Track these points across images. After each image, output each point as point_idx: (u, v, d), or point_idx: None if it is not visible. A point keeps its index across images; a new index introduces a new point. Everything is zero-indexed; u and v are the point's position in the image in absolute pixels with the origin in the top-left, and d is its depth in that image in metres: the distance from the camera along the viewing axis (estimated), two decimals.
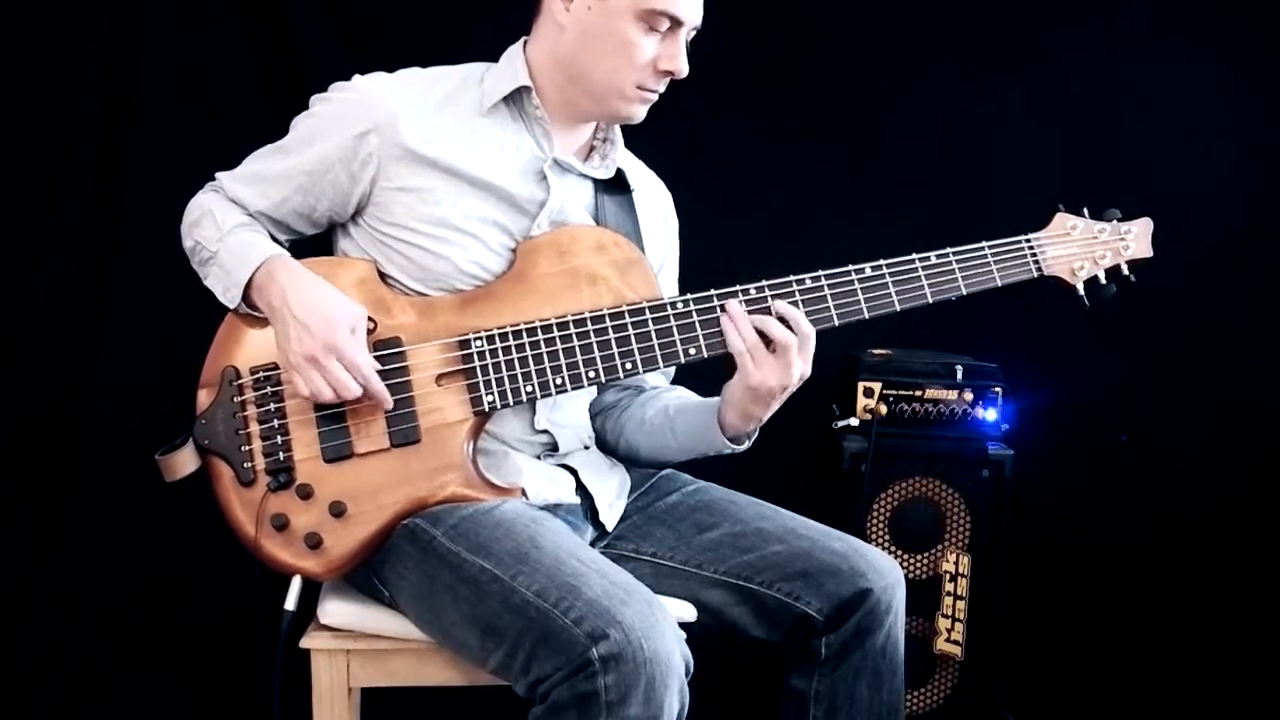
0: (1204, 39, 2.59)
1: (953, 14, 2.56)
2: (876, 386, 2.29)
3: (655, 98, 1.67)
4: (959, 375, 2.30)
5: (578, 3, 1.61)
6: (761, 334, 1.59)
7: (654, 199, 1.86)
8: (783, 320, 1.59)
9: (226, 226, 1.64)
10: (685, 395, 1.83)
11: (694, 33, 1.65)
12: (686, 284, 1.70)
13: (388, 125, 1.61)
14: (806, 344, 1.60)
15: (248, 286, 1.60)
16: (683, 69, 1.64)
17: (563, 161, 1.70)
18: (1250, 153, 2.60)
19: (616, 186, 1.77)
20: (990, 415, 2.31)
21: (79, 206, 2.30)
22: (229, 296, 1.62)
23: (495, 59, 1.73)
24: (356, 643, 1.62)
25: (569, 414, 1.75)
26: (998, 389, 2.31)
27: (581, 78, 1.64)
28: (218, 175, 1.72)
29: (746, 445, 1.74)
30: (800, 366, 1.59)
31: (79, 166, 2.29)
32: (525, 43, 1.70)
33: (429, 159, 1.62)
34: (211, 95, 2.34)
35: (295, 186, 1.66)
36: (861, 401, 2.29)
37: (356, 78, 1.67)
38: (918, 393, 2.29)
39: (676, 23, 1.60)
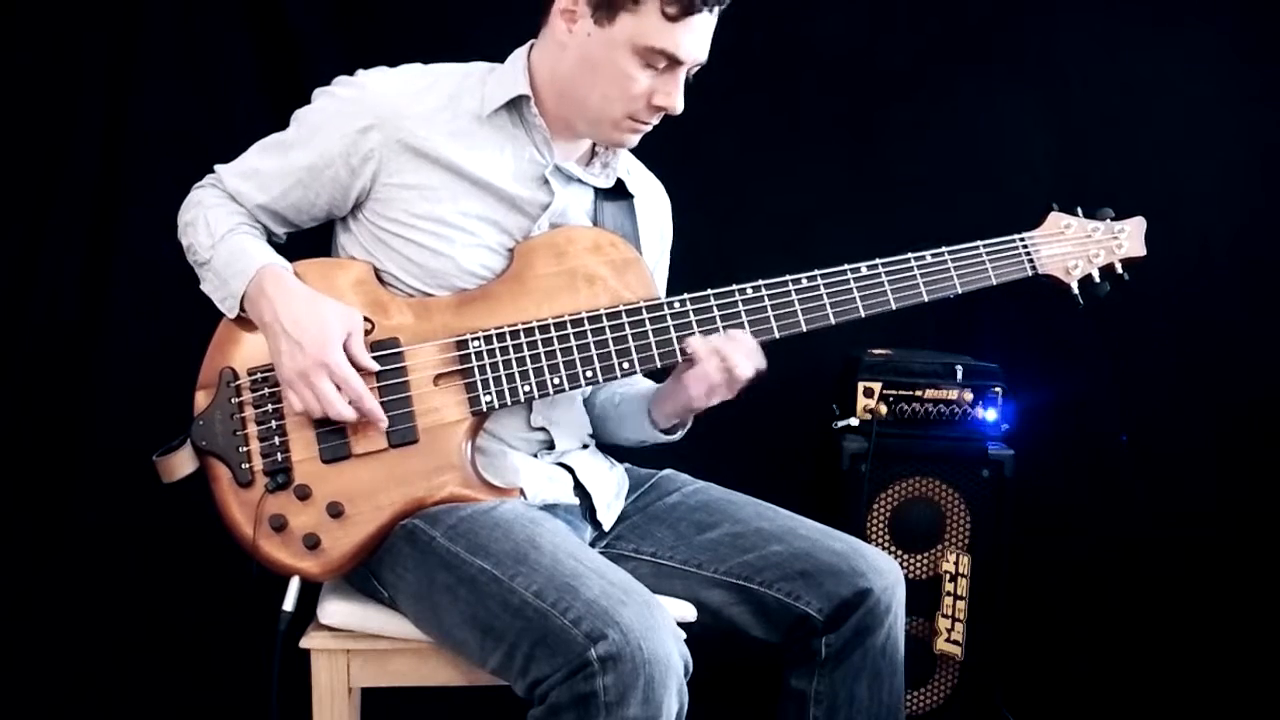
0: (1204, 38, 2.59)
1: (950, 15, 2.56)
2: (876, 386, 2.29)
3: (647, 129, 1.67)
4: (959, 375, 2.30)
5: (579, 27, 1.59)
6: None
7: (654, 206, 1.86)
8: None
9: (218, 233, 1.64)
10: (636, 384, 1.84)
11: (698, 68, 1.63)
12: (685, 284, 1.70)
13: (390, 121, 1.61)
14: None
15: (242, 298, 1.61)
16: (676, 107, 1.62)
17: (564, 168, 1.70)
18: (1250, 151, 2.60)
19: (617, 193, 1.77)
20: (990, 415, 2.31)
21: (79, 207, 2.30)
22: (226, 306, 1.63)
23: (495, 59, 1.73)
24: (356, 643, 1.62)
25: (565, 411, 1.75)
26: (998, 389, 2.31)
27: (576, 100, 1.64)
28: (216, 168, 1.72)
29: (680, 435, 1.80)
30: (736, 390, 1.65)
31: (79, 166, 2.30)
32: (532, 46, 1.69)
33: (430, 156, 1.62)
34: (211, 95, 2.34)
35: (295, 181, 1.66)
36: (861, 401, 2.29)
37: (360, 72, 1.67)
38: (918, 393, 2.29)
39: (675, 61, 1.58)
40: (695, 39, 1.58)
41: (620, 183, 1.77)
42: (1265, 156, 2.59)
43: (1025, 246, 1.72)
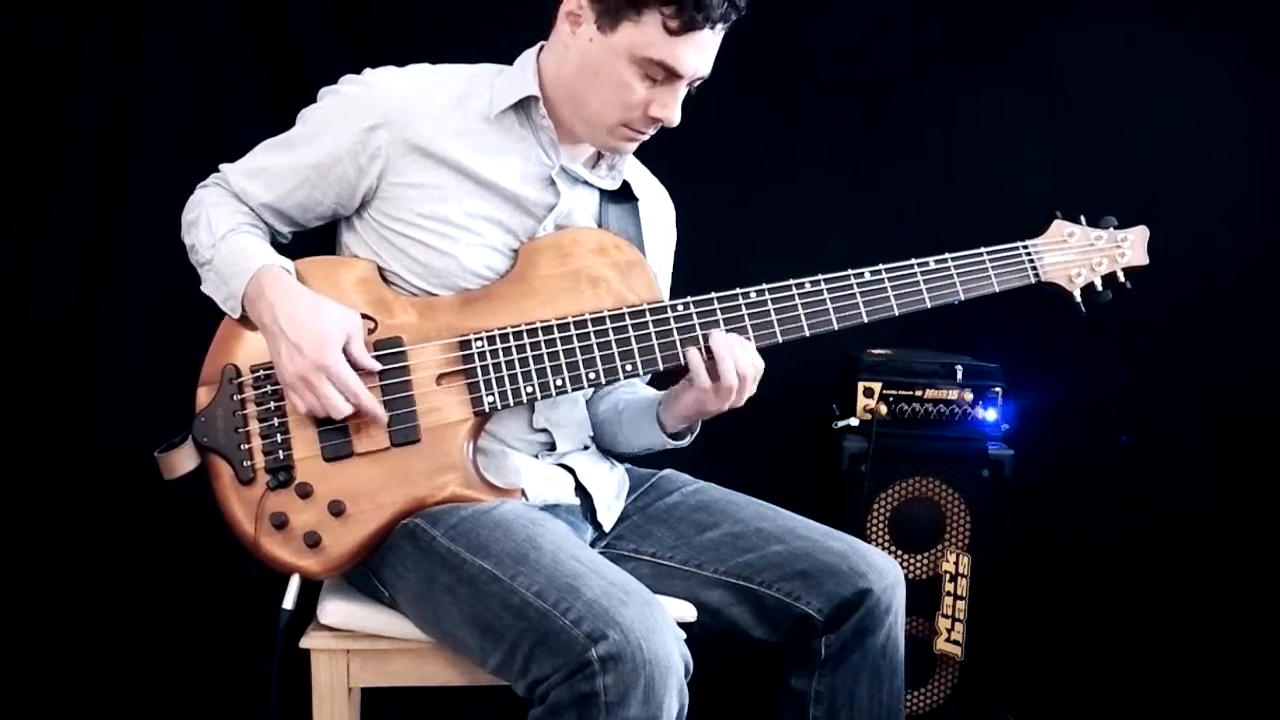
0: (1204, 42, 2.59)
1: (953, 18, 2.56)
2: (876, 386, 2.29)
3: (644, 138, 1.66)
4: (959, 375, 2.30)
5: (582, 31, 1.59)
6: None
7: (658, 210, 1.86)
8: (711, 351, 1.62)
9: (219, 232, 1.63)
10: (638, 391, 1.84)
11: (700, 81, 1.62)
12: (690, 287, 1.71)
13: (398, 120, 1.61)
14: (757, 378, 1.64)
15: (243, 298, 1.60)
16: (673, 120, 1.61)
17: (570, 170, 1.70)
18: (1250, 154, 2.61)
19: (622, 195, 1.77)
20: (990, 415, 2.31)
21: (80, 206, 2.30)
22: (229, 306, 1.63)
23: (497, 61, 1.73)
24: (356, 643, 1.62)
25: (567, 413, 1.75)
26: (998, 389, 2.31)
27: (576, 103, 1.63)
28: (222, 167, 1.72)
29: (689, 440, 1.77)
30: (750, 393, 1.64)
31: (80, 166, 2.30)
32: (542, 49, 1.69)
33: (437, 155, 1.62)
34: (211, 95, 2.34)
35: (301, 179, 1.66)
36: (861, 401, 2.29)
37: (367, 71, 1.67)
38: (918, 393, 2.29)
39: (674, 75, 1.57)
40: (697, 54, 1.56)
41: (626, 185, 1.77)
42: (1266, 158, 2.60)
43: (1029, 254, 1.72)
